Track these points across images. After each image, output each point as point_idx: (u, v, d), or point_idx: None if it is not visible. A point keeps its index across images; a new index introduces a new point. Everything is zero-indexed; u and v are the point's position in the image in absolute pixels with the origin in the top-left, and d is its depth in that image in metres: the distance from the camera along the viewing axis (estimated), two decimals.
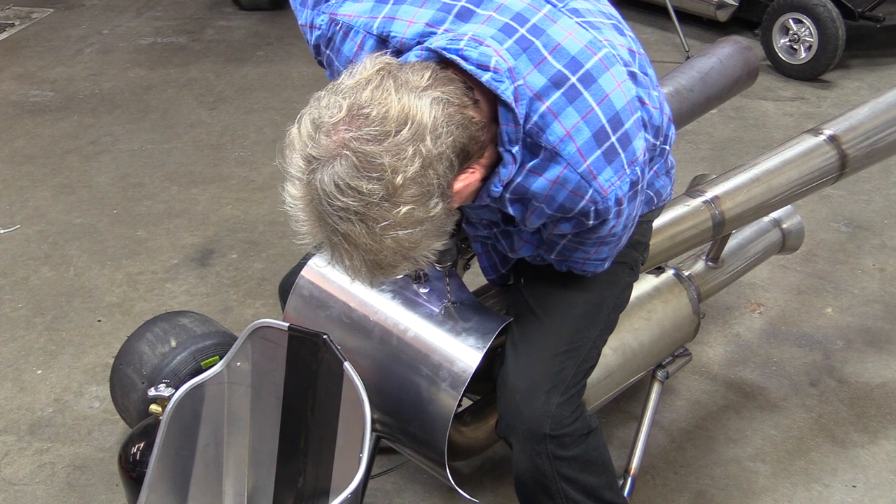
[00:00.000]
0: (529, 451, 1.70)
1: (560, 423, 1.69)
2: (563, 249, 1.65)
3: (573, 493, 1.74)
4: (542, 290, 1.78)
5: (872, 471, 2.35)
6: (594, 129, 1.42)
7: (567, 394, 1.71)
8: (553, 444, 1.69)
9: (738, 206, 2.23)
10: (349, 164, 1.26)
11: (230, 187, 3.83)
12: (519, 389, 1.69)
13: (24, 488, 2.30)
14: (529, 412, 1.68)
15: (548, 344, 1.73)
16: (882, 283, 3.15)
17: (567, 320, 1.75)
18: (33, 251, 3.36)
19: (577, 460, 1.73)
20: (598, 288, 1.80)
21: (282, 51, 5.48)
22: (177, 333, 2.25)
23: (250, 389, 1.79)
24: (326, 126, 1.29)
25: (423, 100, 1.30)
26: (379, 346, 1.73)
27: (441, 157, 1.30)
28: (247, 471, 1.84)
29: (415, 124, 1.28)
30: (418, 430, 1.71)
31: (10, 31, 5.83)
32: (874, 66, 5.20)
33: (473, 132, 1.36)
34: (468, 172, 1.39)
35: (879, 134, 2.38)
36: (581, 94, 1.41)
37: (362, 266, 1.34)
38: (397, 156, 1.27)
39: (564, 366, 1.72)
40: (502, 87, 1.36)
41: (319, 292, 1.80)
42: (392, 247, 1.31)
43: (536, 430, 1.68)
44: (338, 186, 1.27)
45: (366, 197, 1.27)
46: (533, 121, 1.41)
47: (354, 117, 1.28)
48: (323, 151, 1.28)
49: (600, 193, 1.45)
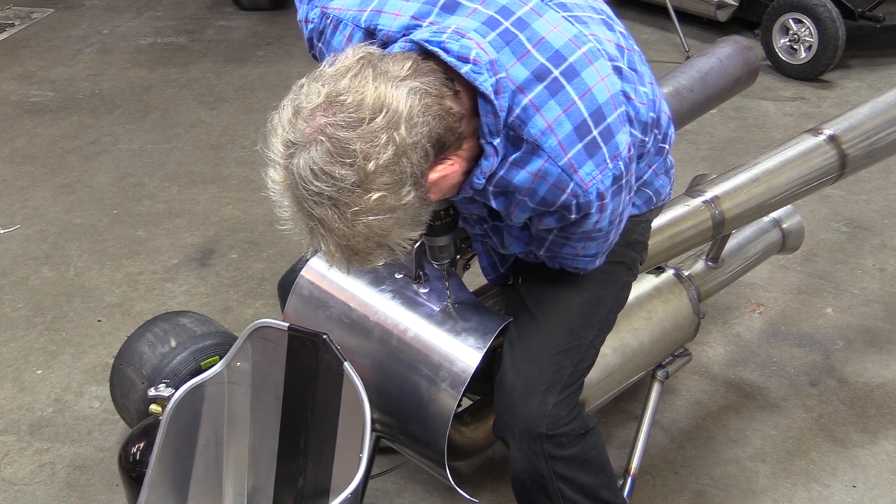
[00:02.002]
0: (526, 451, 1.70)
1: (557, 423, 1.69)
2: (552, 245, 1.65)
3: (570, 493, 1.74)
4: (539, 289, 1.78)
5: (872, 471, 2.35)
6: (575, 122, 1.42)
7: (563, 393, 1.71)
8: (549, 443, 1.68)
9: (738, 205, 2.23)
10: (324, 150, 1.30)
11: (230, 187, 3.83)
12: (515, 389, 1.69)
13: (24, 488, 2.30)
14: (526, 411, 1.68)
15: (545, 343, 1.72)
16: (882, 283, 3.15)
17: (564, 320, 1.75)
18: (33, 251, 3.36)
19: (574, 460, 1.72)
20: (596, 287, 1.80)
21: (282, 51, 5.48)
22: (177, 333, 2.25)
23: (250, 389, 1.79)
24: (305, 112, 1.32)
25: (401, 89, 1.32)
26: (379, 346, 1.73)
27: (415, 146, 1.32)
28: (247, 470, 1.84)
29: (389, 112, 1.30)
30: (418, 430, 1.70)
31: (10, 31, 5.83)
32: (874, 66, 5.20)
33: (451, 123, 1.37)
34: (446, 164, 1.40)
35: (879, 134, 2.38)
36: (563, 87, 1.42)
37: (337, 251, 1.36)
38: (370, 143, 1.29)
39: (561, 365, 1.72)
40: (481, 78, 1.37)
41: (319, 292, 1.80)
42: (364, 233, 1.33)
43: (533, 430, 1.68)
44: (313, 171, 1.30)
45: (338, 182, 1.30)
46: (515, 113, 1.42)
47: (331, 104, 1.31)
48: (301, 136, 1.31)
49: (581, 187, 1.46)
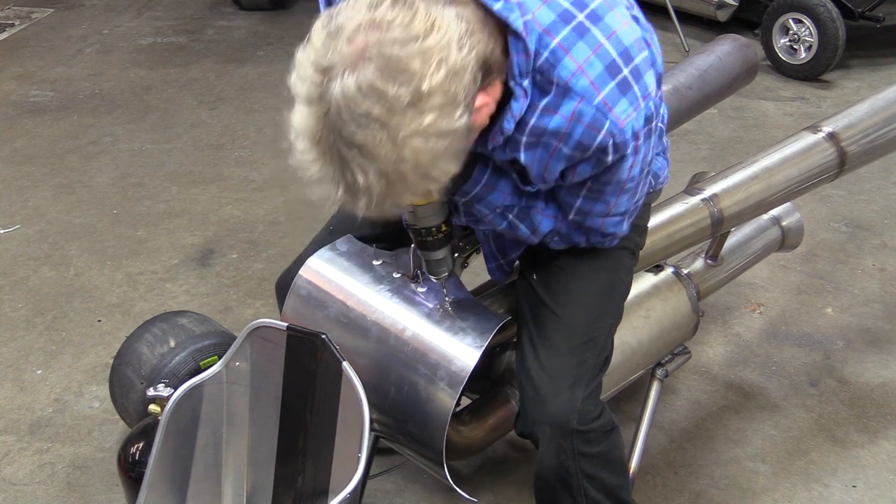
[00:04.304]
0: (555, 448, 1.68)
1: (586, 418, 1.68)
2: (583, 206, 1.62)
3: (593, 492, 1.73)
4: (554, 283, 1.77)
5: (872, 471, 2.35)
6: (606, 62, 1.42)
7: (589, 387, 1.70)
8: (579, 439, 1.67)
9: (737, 203, 2.22)
10: (374, 68, 1.24)
11: (230, 187, 3.83)
12: (543, 385, 1.68)
13: (24, 488, 2.30)
14: (555, 408, 1.66)
15: (567, 336, 1.72)
16: (882, 283, 3.15)
17: (582, 311, 1.75)
18: (33, 251, 3.36)
19: (599, 458, 1.72)
20: (607, 274, 1.80)
21: (282, 51, 5.48)
22: (175, 334, 2.25)
23: (249, 389, 1.79)
24: (346, 32, 1.26)
25: (448, 11, 1.29)
26: (377, 346, 1.73)
27: (466, 68, 1.29)
28: (246, 471, 1.84)
29: (440, 32, 1.26)
30: (416, 430, 1.70)
31: (10, 31, 5.83)
32: (874, 66, 5.20)
33: (491, 51, 1.35)
34: (484, 94, 1.37)
35: (879, 131, 2.38)
36: (589, 30, 1.41)
37: (377, 181, 1.29)
38: (425, 61, 1.24)
39: (584, 357, 1.71)
40: (513, 15, 1.35)
41: (317, 292, 1.80)
42: (411, 160, 1.27)
43: (564, 426, 1.66)
44: (360, 90, 1.24)
45: (390, 101, 1.24)
46: (544, 57, 1.40)
47: (378, 23, 1.25)
48: (342, 58, 1.25)
49: (617, 126, 1.44)
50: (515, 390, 1.97)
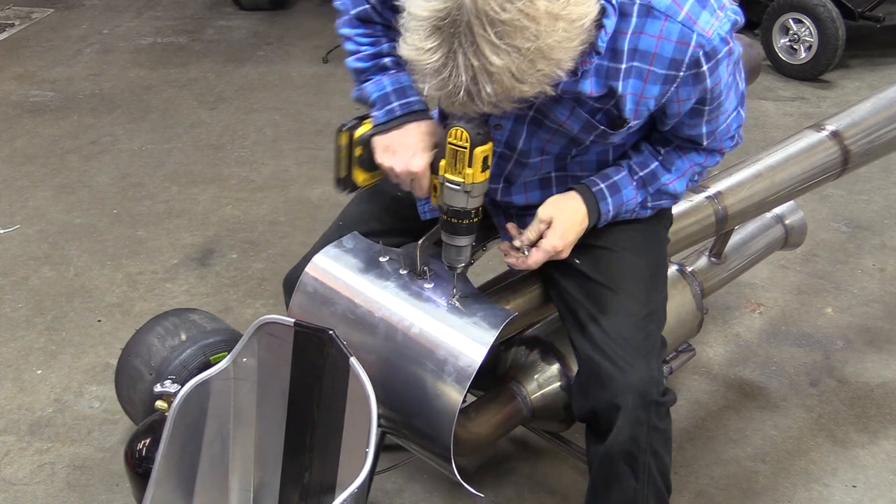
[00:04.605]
0: (633, 420, 1.67)
1: (663, 390, 1.70)
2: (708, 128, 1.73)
3: (654, 471, 1.73)
4: (604, 264, 1.78)
5: (872, 471, 2.35)
6: None
7: (659, 359, 1.72)
8: (655, 412, 1.68)
9: (741, 201, 2.23)
10: None
11: (230, 187, 3.83)
12: (620, 357, 1.68)
13: (24, 488, 2.29)
14: (637, 377, 1.66)
15: (629, 311, 1.72)
16: (882, 283, 3.16)
17: (639, 285, 1.77)
18: (33, 251, 3.35)
19: (664, 435, 1.72)
20: (652, 246, 1.83)
21: (282, 51, 5.49)
22: (187, 328, 2.26)
23: (256, 385, 1.79)
24: None
25: None
26: (384, 342, 1.73)
27: None
28: (253, 466, 1.84)
29: None
30: (424, 426, 1.70)
31: (10, 31, 5.83)
32: (874, 66, 5.22)
33: None
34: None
35: (882, 130, 2.39)
36: None
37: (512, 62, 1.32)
38: None
39: (650, 330, 1.73)
40: None
41: (324, 288, 1.80)
42: (551, 39, 1.32)
43: (646, 395, 1.66)
44: None
45: None
46: None
47: None
48: None
49: (704, 36, 1.53)
50: (521, 387, 1.98)
